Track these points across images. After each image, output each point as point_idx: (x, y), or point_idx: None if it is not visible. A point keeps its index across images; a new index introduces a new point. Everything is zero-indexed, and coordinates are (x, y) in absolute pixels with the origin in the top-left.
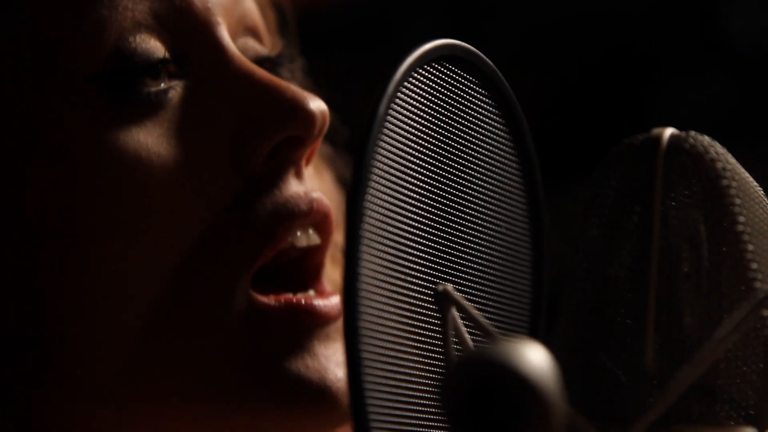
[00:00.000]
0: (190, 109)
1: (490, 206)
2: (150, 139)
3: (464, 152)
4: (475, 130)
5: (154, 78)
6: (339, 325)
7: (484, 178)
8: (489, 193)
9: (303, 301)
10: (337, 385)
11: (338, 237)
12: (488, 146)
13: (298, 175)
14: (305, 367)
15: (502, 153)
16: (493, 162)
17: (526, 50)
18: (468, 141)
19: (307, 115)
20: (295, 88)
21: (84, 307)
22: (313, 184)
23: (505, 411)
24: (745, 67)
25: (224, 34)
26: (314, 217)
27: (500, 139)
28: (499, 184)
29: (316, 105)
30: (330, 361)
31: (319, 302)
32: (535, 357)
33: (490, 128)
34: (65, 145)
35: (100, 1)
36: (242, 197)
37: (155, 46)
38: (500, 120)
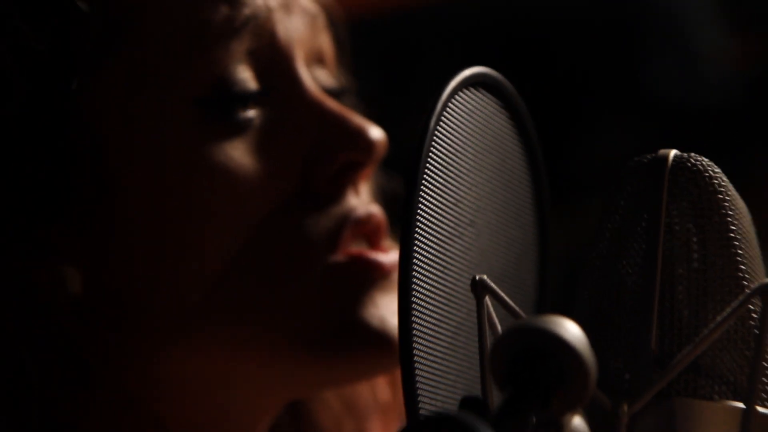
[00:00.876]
0: (270, 131)
1: (508, 207)
2: (236, 153)
3: (490, 162)
4: (498, 144)
5: (244, 105)
6: (395, 278)
7: (505, 184)
8: (508, 196)
9: (368, 256)
10: (395, 331)
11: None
12: (508, 157)
13: (356, 191)
14: (369, 315)
15: (519, 163)
16: (511, 171)
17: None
18: (493, 152)
19: (369, 143)
20: (358, 118)
21: (174, 261)
22: (367, 198)
23: (549, 372)
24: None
25: (302, 67)
26: (372, 224)
27: (517, 152)
28: (515, 190)
29: (376, 134)
30: (388, 309)
31: (381, 257)
32: (572, 328)
33: (510, 142)
34: (172, 149)
35: (212, 37)
36: (309, 208)
37: (250, 78)
38: (517, 134)
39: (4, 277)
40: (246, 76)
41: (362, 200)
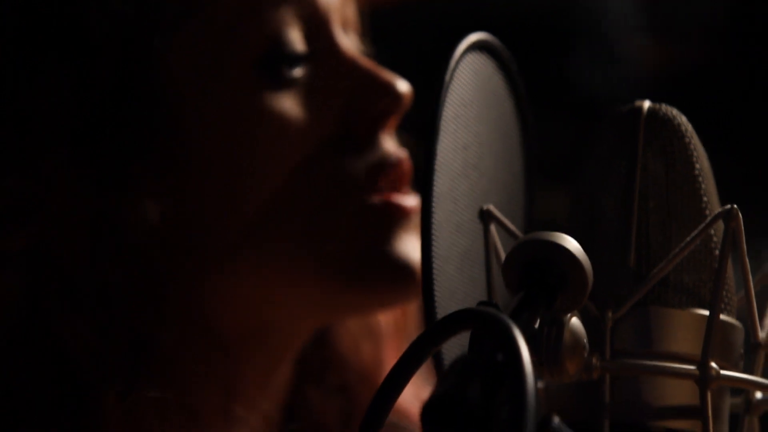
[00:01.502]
0: (313, 85)
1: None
2: (285, 103)
3: (490, 115)
4: (496, 100)
5: (292, 63)
6: (416, 219)
7: (502, 135)
8: (503, 146)
9: (397, 201)
10: (416, 265)
11: None
12: (503, 112)
13: (389, 136)
14: (396, 250)
15: (511, 118)
16: (506, 125)
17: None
18: (492, 107)
19: (398, 94)
20: (387, 73)
21: (235, 193)
22: (395, 143)
23: (554, 277)
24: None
25: (338, 30)
26: (403, 168)
27: (510, 108)
28: (509, 141)
29: (404, 86)
30: (411, 246)
31: (406, 200)
32: (572, 241)
33: (505, 99)
34: (234, 100)
35: (267, 3)
36: (349, 150)
37: (299, 40)
38: (511, 93)
39: (97, 208)
40: (295, 38)
41: (393, 145)
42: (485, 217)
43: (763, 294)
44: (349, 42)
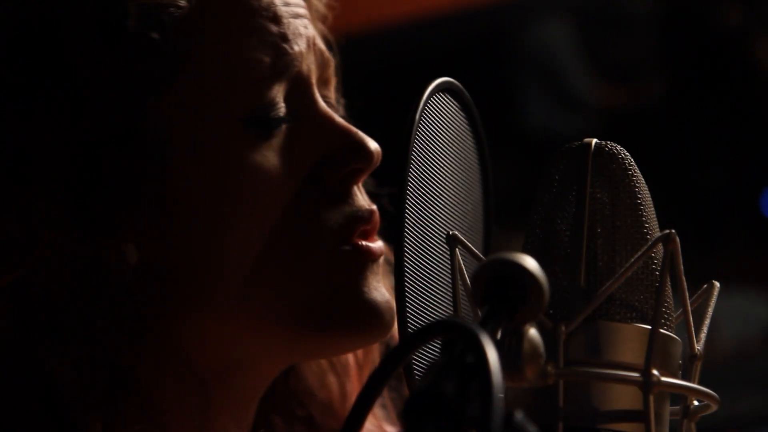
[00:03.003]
0: (291, 141)
1: (464, 186)
2: (267, 158)
3: (452, 151)
4: (458, 137)
5: (276, 124)
6: (381, 261)
7: (462, 168)
8: (465, 178)
9: (365, 244)
10: (386, 305)
11: None
12: (465, 148)
13: (359, 190)
14: (365, 294)
15: (471, 154)
16: (467, 159)
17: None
18: (455, 143)
19: (369, 154)
20: (359, 133)
21: (214, 244)
22: (365, 196)
23: (515, 292)
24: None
25: (317, 93)
26: (373, 220)
27: (469, 139)
28: (467, 167)
29: (374, 146)
30: (378, 291)
31: (373, 245)
32: (532, 261)
33: (466, 137)
34: (219, 155)
35: (258, 75)
36: (323, 202)
37: (282, 105)
38: (471, 131)
39: (82, 249)
40: (279, 104)
41: (364, 198)
42: (451, 241)
43: (700, 311)
44: (325, 103)
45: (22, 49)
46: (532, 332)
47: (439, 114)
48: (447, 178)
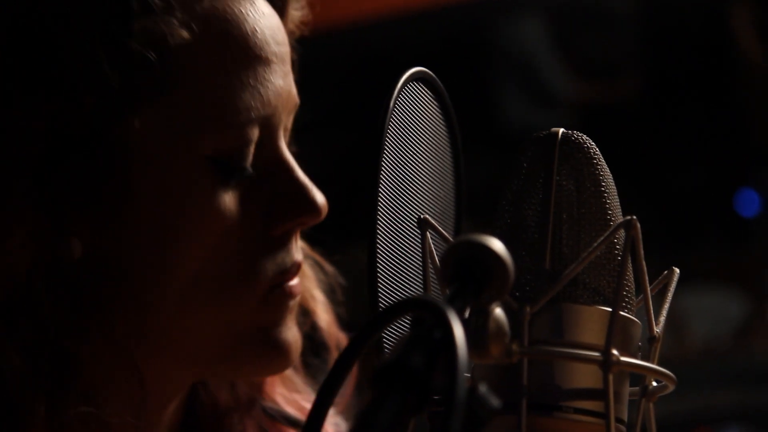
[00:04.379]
0: (252, 185)
1: (437, 172)
2: (226, 200)
3: (426, 138)
4: (432, 125)
5: (240, 171)
6: (298, 299)
7: (435, 155)
8: (437, 165)
9: (290, 285)
10: (295, 345)
11: None
12: (438, 136)
13: (296, 238)
14: (281, 333)
15: (444, 141)
16: (440, 147)
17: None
18: (428, 131)
19: (318, 212)
20: (313, 189)
21: (155, 265)
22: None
23: (481, 272)
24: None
25: (282, 140)
26: (297, 268)
27: (442, 128)
28: (440, 154)
29: (323, 203)
30: (292, 327)
31: (292, 283)
32: (498, 243)
33: (438, 121)
34: (179, 183)
35: (235, 119)
36: (264, 247)
37: (250, 153)
38: (444, 120)
39: (39, 242)
40: (247, 154)
41: (297, 249)
42: (422, 225)
43: (659, 295)
44: (287, 151)
45: (19, 42)
46: (498, 312)
47: (413, 102)
48: (420, 165)
